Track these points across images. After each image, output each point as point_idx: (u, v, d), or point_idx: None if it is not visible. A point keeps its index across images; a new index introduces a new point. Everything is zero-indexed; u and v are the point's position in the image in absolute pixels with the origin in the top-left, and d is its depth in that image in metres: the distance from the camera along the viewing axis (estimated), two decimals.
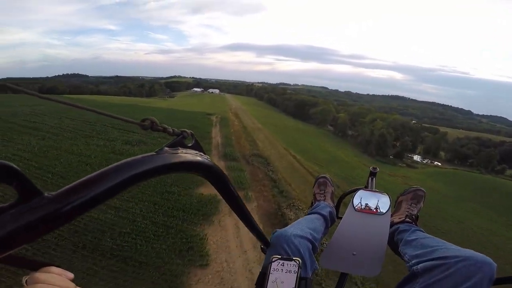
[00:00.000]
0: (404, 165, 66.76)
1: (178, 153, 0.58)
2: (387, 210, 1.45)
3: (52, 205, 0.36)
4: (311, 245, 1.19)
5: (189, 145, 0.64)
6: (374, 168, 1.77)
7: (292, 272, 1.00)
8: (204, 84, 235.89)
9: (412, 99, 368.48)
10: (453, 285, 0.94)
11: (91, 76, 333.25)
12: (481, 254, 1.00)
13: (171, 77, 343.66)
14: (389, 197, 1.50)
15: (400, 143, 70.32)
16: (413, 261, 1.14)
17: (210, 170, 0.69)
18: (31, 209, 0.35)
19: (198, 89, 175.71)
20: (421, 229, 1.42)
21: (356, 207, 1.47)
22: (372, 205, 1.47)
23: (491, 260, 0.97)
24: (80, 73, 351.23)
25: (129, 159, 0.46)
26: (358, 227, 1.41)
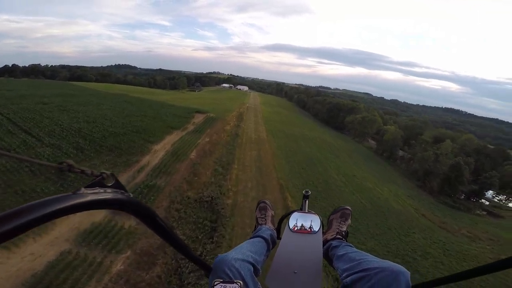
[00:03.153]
0: (485, 212, 40.22)
1: (95, 192, 0.58)
2: (319, 229, 1.55)
3: None
4: (252, 268, 1.18)
5: (109, 184, 0.64)
6: (307, 192, 1.83)
7: None
8: (239, 81, 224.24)
9: (469, 114, 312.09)
10: None
11: (139, 68, 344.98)
12: (397, 265, 1.07)
13: (211, 72, 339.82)
14: (319, 217, 1.62)
15: (482, 179, 43.52)
16: (344, 275, 1.21)
17: (132, 207, 0.68)
18: None
19: (227, 85, 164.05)
20: (350, 244, 1.51)
21: (293, 228, 1.56)
22: (307, 225, 1.57)
23: (405, 269, 1.05)
24: (131, 64, 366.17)
25: (44, 198, 0.47)
26: (295, 247, 1.46)
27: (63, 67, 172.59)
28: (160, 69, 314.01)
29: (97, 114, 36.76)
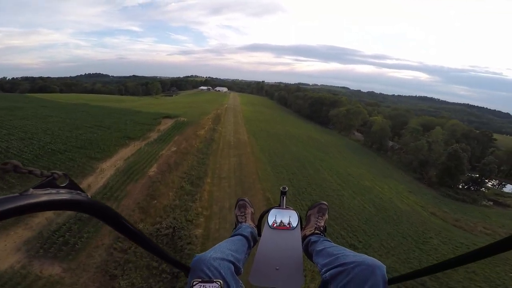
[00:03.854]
0: (491, 202, 37.18)
1: (47, 193, 0.54)
2: (297, 224, 1.56)
3: None
4: (233, 266, 1.14)
5: (62, 185, 0.60)
6: (284, 188, 1.81)
7: None
8: (218, 83, 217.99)
9: (442, 100, 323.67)
10: None
11: (111, 76, 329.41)
12: (372, 258, 1.06)
13: (188, 76, 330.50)
14: (297, 213, 1.61)
15: (481, 166, 40.53)
16: (323, 270, 1.18)
17: (91, 207, 0.64)
18: None
19: (205, 88, 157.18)
20: (328, 239, 1.50)
21: (272, 225, 1.55)
22: (285, 221, 1.56)
23: (381, 263, 1.04)
24: (102, 73, 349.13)
25: None
26: (276, 243, 1.46)
27: (26, 79, 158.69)
28: (133, 76, 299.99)
29: (38, 129, 29.96)
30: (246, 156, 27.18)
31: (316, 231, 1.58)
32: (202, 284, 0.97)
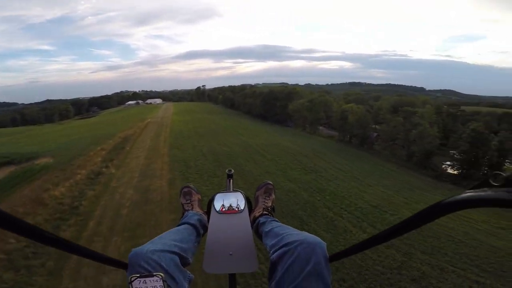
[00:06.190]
0: None
1: None
2: (245, 206, 1.47)
3: None
4: (177, 257, 1.05)
5: None
6: (230, 170, 1.72)
7: (158, 287, 0.90)
8: (154, 95, 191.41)
9: (368, 84, 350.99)
10: (300, 269, 0.96)
11: (20, 104, 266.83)
12: (312, 236, 1.05)
13: (118, 93, 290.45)
14: (243, 194, 1.53)
15: (497, 145, 30.08)
16: (271, 251, 1.13)
17: None
18: None
19: (133, 102, 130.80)
20: (276, 219, 1.43)
21: (220, 209, 1.46)
22: (234, 204, 1.47)
23: (320, 240, 1.03)
24: (8, 101, 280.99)
25: None
26: (226, 228, 1.37)
27: None
28: (47, 100, 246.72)
29: None
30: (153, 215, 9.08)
31: (265, 212, 1.51)
32: (142, 280, 0.89)
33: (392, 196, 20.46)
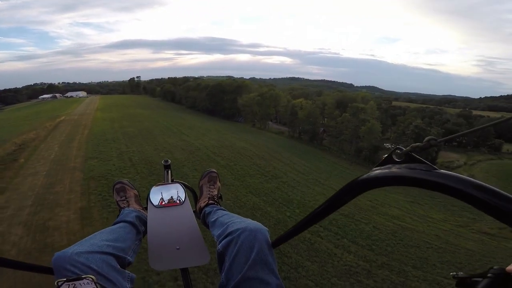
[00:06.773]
0: None
1: None
2: (185, 197, 1.37)
3: None
4: (112, 257, 0.98)
5: None
6: (166, 161, 1.58)
7: None
8: (78, 87, 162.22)
9: (306, 79, 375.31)
10: (245, 258, 0.94)
11: None
12: (253, 222, 1.04)
13: (31, 85, 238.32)
14: (182, 184, 1.41)
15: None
16: (218, 241, 1.10)
17: None
18: None
19: (48, 96, 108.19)
20: (222, 208, 1.38)
21: (160, 203, 1.34)
22: (175, 196, 1.36)
23: (262, 226, 1.02)
24: None
25: None
26: (167, 222, 1.28)
27: None
28: None
29: None
30: None
31: (210, 202, 1.45)
32: (70, 283, 0.82)
33: (358, 200, 19.19)
